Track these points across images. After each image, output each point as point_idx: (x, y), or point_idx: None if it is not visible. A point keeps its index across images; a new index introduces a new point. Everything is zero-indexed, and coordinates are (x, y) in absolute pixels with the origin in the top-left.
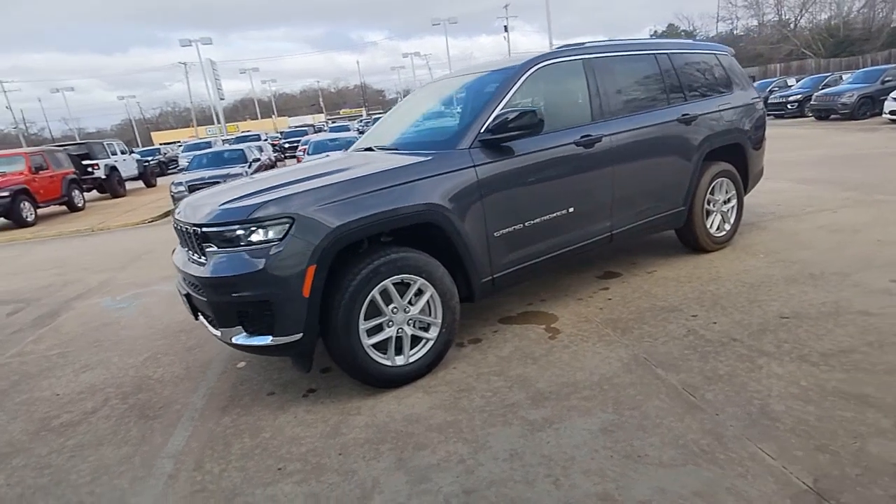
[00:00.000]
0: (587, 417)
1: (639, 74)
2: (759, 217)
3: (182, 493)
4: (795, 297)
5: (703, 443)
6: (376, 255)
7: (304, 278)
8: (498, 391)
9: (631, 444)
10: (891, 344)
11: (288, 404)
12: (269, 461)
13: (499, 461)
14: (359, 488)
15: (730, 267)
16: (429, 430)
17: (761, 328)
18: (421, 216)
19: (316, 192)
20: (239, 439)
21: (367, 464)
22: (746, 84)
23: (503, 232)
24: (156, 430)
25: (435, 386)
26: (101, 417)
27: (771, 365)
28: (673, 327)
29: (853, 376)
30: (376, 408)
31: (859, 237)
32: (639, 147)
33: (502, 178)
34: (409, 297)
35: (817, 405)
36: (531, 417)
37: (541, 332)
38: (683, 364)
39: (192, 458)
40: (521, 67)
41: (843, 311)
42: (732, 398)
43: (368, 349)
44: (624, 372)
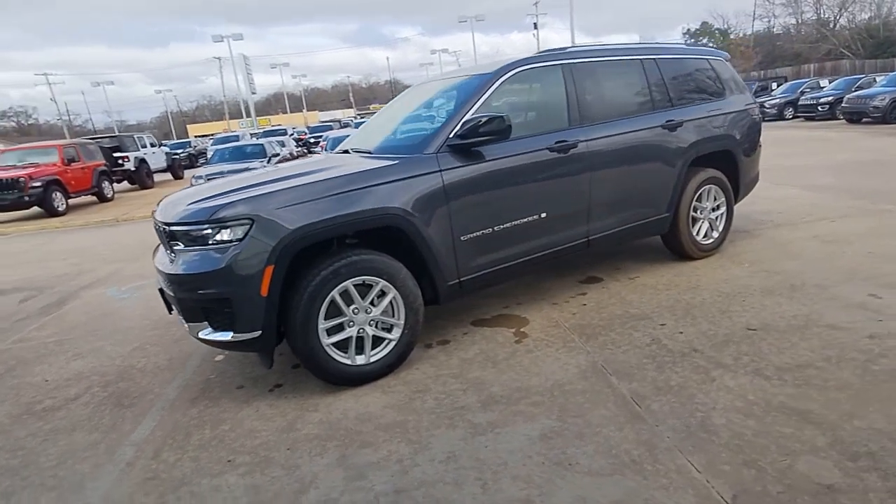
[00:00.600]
0: (530, 423)
1: (622, 80)
2: (756, 225)
3: (135, 481)
4: (768, 308)
5: (634, 453)
6: (336, 256)
7: (262, 278)
8: (452, 393)
9: (565, 451)
10: (849, 360)
11: (253, 398)
12: (223, 453)
13: (435, 463)
14: (298, 482)
15: (711, 275)
16: (377, 429)
17: (725, 340)
18: (381, 220)
19: (277, 194)
20: (200, 430)
21: (311, 459)
22: (740, 90)
23: (471, 236)
24: (126, 419)
25: (394, 386)
26: (80, 404)
27: (724, 378)
28: (638, 335)
29: (802, 392)
30: (333, 405)
31: (851, 248)
32: (618, 153)
33: (470, 182)
34: (370, 298)
35: (758, 420)
36: (477, 421)
37: (508, 336)
38: (638, 373)
39: (153, 446)
40: (495, 74)
41: (811, 324)
42: (677, 410)
43: (328, 348)
44: (578, 379)
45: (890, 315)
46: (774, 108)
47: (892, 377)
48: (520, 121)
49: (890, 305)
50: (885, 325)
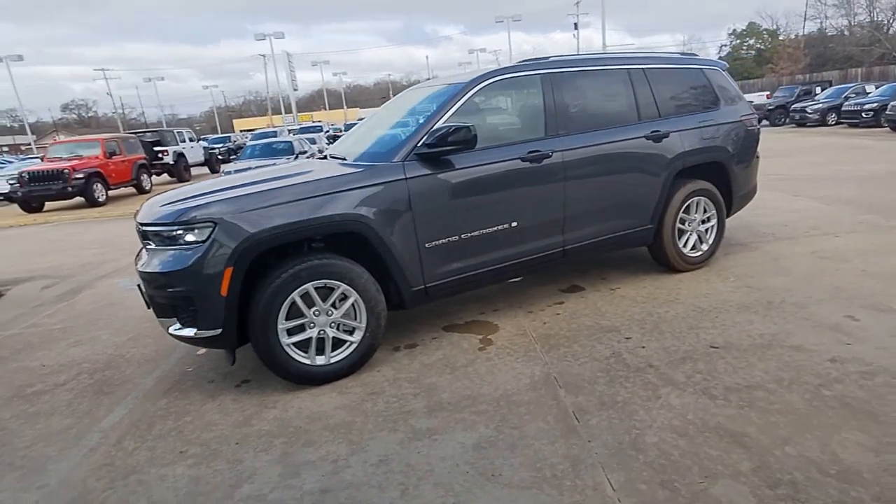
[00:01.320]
0: (468, 432)
1: (606, 90)
2: (756, 237)
3: (92, 466)
4: (738, 326)
5: (559, 468)
6: (297, 259)
7: (222, 279)
8: (403, 398)
9: (493, 462)
10: (802, 383)
11: (220, 392)
12: (178, 443)
13: (367, 465)
14: (236, 477)
15: (693, 289)
16: (324, 429)
17: (685, 357)
18: (341, 226)
19: (240, 199)
20: (163, 421)
21: (256, 455)
22: (735, 100)
23: (436, 243)
24: (102, 406)
25: (351, 387)
26: (66, 389)
27: (671, 396)
28: (601, 348)
29: (743, 414)
30: (290, 403)
31: (846, 266)
32: (597, 163)
33: (437, 191)
34: (332, 301)
35: (690, 440)
36: (418, 426)
37: (474, 343)
38: (588, 387)
39: (118, 434)
40: (468, 84)
41: (776, 344)
42: (614, 426)
43: (287, 348)
44: (528, 390)
45: (859, 338)
46: (817, 114)
47: (842, 404)
48: (493, 130)
49: (864, 328)
50: (850, 350)
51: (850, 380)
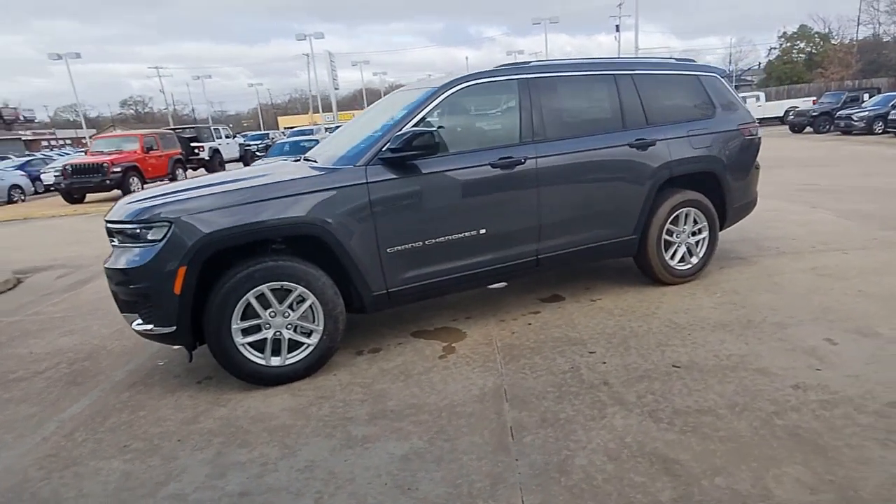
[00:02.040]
0: (401, 442)
1: (589, 96)
2: (758, 251)
3: (38, 455)
4: (709, 345)
5: (477, 486)
6: (253, 261)
7: (176, 277)
8: (350, 403)
9: (415, 475)
10: (755, 410)
11: (181, 388)
12: (124, 438)
13: (292, 470)
14: (165, 474)
15: (674, 303)
16: (263, 430)
17: (643, 375)
18: (298, 228)
19: (197, 199)
20: (119, 414)
21: (191, 453)
22: (732, 109)
23: (398, 249)
24: (69, 396)
25: (304, 389)
26: (43, 378)
27: (616, 416)
28: (561, 362)
29: (683, 439)
30: (241, 402)
31: (842, 285)
32: (574, 171)
33: (400, 196)
34: (289, 302)
35: (619, 465)
36: (355, 433)
37: (437, 350)
38: (535, 402)
39: (73, 425)
40: (440, 88)
41: (742, 366)
42: (548, 445)
43: (242, 347)
44: (474, 402)
45: (832, 364)
46: (863, 122)
47: (791, 435)
48: (464, 136)
49: (840, 353)
50: (818, 376)
51: (808, 409)
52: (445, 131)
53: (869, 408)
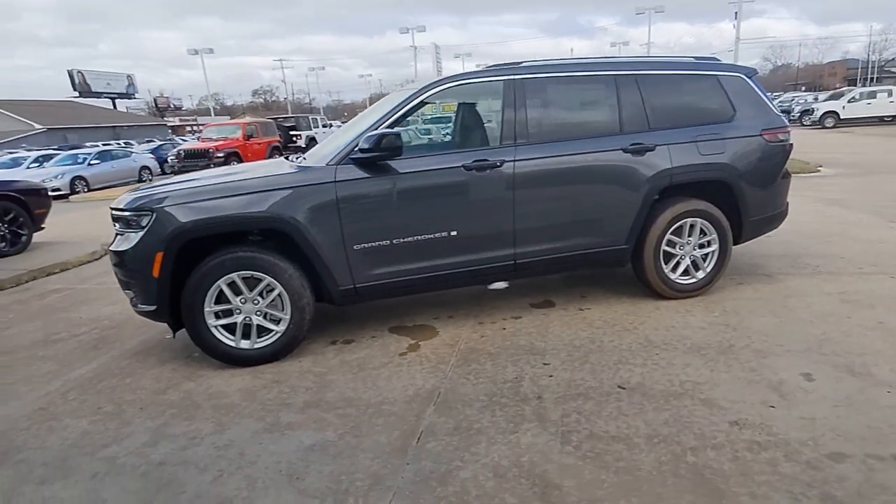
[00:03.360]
0: (316, 433)
1: (582, 98)
2: (793, 268)
3: (33, 408)
4: (670, 367)
5: (357, 484)
6: (225, 251)
7: (153, 262)
8: (296, 390)
9: (309, 466)
10: (673, 443)
11: (171, 361)
12: (102, 400)
13: (212, 447)
14: (113, 437)
15: (662, 320)
16: (212, 407)
17: (581, 393)
18: (265, 222)
19: (178, 192)
20: (110, 379)
21: (143, 421)
22: (757, 111)
23: (365, 246)
24: (85, 359)
25: (265, 373)
26: (76, 341)
27: (528, 433)
28: (509, 371)
29: (579, 466)
30: (209, 379)
31: (864, 314)
32: (556, 176)
33: (368, 195)
34: (258, 291)
35: (500, 483)
36: (282, 419)
37: (402, 347)
38: (459, 409)
39: (72, 385)
40: (420, 90)
41: (689, 394)
42: (445, 453)
43: (214, 329)
44: (404, 402)
45: (792, 402)
46: None
47: (694, 474)
48: (441, 137)
49: (808, 391)
50: (766, 414)
51: (731, 449)
52: (423, 132)
53: (802, 456)
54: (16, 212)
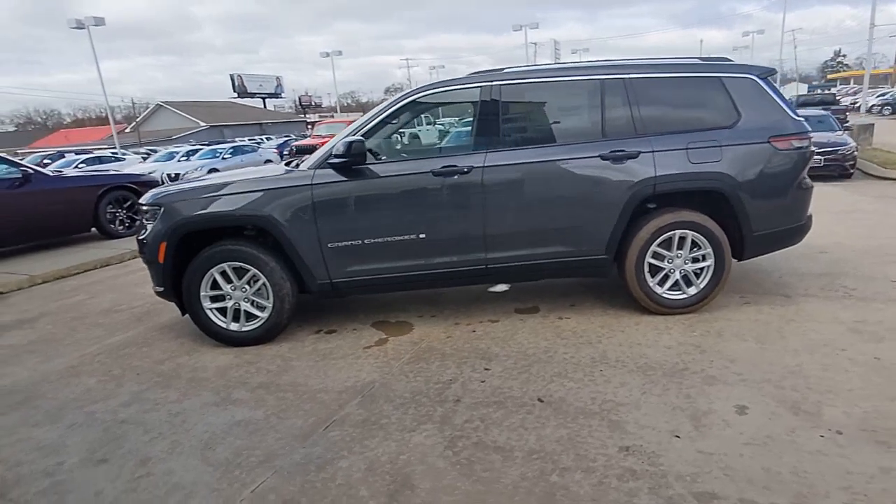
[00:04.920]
0: (251, 411)
1: (563, 104)
2: (821, 290)
3: (67, 365)
4: (603, 386)
5: (251, 459)
6: (218, 243)
7: (159, 250)
8: (260, 371)
9: (225, 438)
10: (539, 460)
11: (185, 335)
12: (115, 365)
13: (167, 413)
14: (105, 396)
15: (634, 335)
16: (189, 379)
17: (500, 401)
18: (250, 220)
19: (181, 191)
20: (133, 347)
21: (132, 385)
22: (766, 117)
23: (339, 245)
24: (126, 328)
25: (246, 353)
26: (129, 313)
27: (423, 434)
28: (450, 372)
29: (446, 471)
30: (202, 355)
31: (865, 348)
32: (526, 182)
33: (341, 198)
34: (245, 280)
35: (367, 475)
36: (234, 396)
37: (372, 341)
38: (381, 403)
39: (105, 349)
40: (401, 97)
41: (601, 414)
42: (340, 444)
43: (209, 312)
44: (340, 391)
45: (700, 434)
46: None
47: (546, 494)
48: (417, 143)
49: (728, 425)
50: (664, 444)
51: (603, 474)
52: (401, 138)
53: (668, 491)
54: (132, 200)
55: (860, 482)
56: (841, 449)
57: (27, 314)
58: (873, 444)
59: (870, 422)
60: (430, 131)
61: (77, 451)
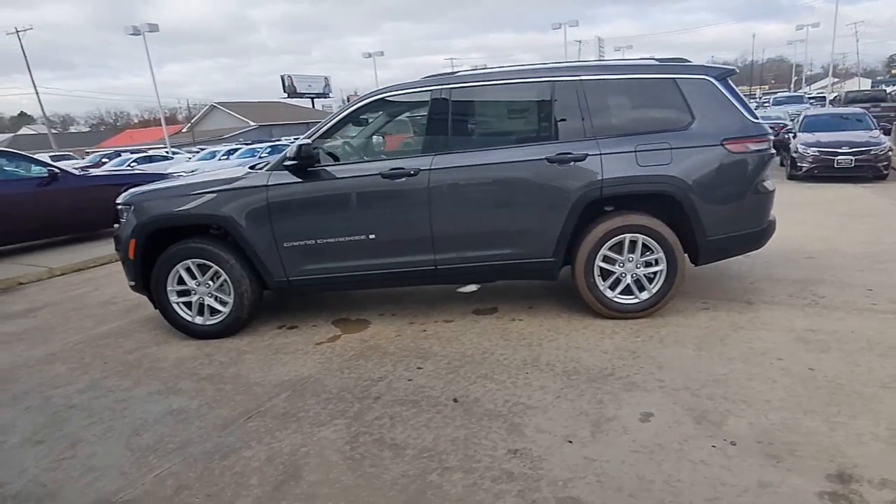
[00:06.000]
0: (188, 400)
1: (514, 107)
2: (791, 296)
3: (48, 352)
4: (523, 389)
5: (169, 446)
6: (183, 241)
7: (129, 246)
8: (212, 363)
9: (154, 426)
10: (436, 460)
11: (158, 329)
12: (89, 354)
13: (112, 400)
14: (67, 381)
15: (578, 339)
16: (146, 369)
17: (415, 400)
18: (209, 219)
19: (150, 191)
20: (112, 338)
21: (95, 373)
22: (721, 119)
23: (294, 244)
24: (114, 319)
25: (207, 346)
26: (122, 305)
27: (332, 428)
28: (384, 369)
29: (336, 464)
30: (168, 347)
31: (803, 358)
32: (473, 185)
33: (294, 199)
34: (208, 276)
35: (262, 466)
36: (177, 386)
37: (325, 337)
38: (307, 398)
39: (85, 338)
40: (355, 101)
41: (506, 417)
42: (253, 433)
43: (176, 306)
44: (274, 385)
45: (594, 441)
46: None
47: (417, 492)
48: (369, 147)
49: (627, 432)
50: (554, 449)
51: (481, 475)
52: (354, 142)
53: (536, 495)
54: None
55: (730, 495)
56: (727, 460)
57: (34, 304)
58: (763, 457)
59: (771, 434)
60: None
61: (22, 431)
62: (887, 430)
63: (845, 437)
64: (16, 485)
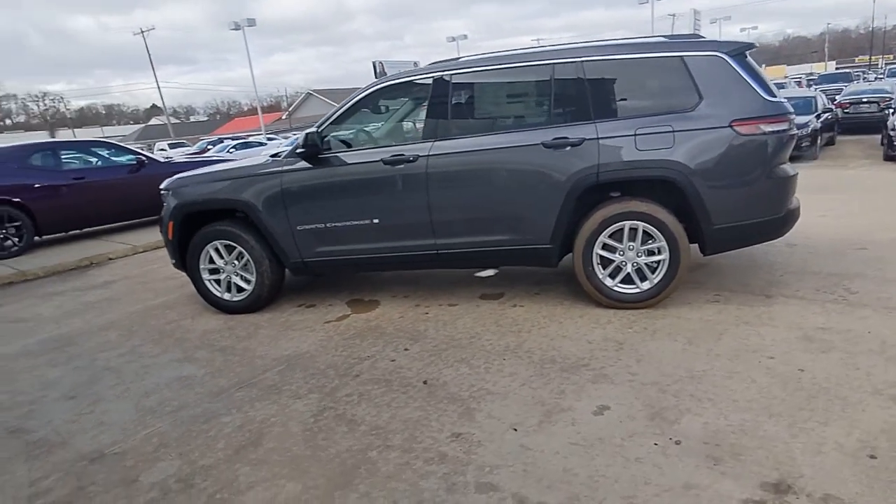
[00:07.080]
0: (197, 369)
1: (515, 91)
2: (818, 291)
3: (109, 320)
4: (494, 376)
5: (167, 408)
6: (212, 224)
7: (168, 228)
8: (231, 336)
9: (162, 391)
10: (382, 437)
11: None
12: (137, 324)
13: (139, 365)
14: (108, 347)
15: (571, 328)
16: (175, 339)
17: (390, 379)
18: (232, 203)
19: (185, 178)
20: (163, 310)
21: (136, 341)
22: (731, 99)
23: (306, 227)
24: (171, 293)
25: (233, 321)
26: (178, 282)
27: (304, 402)
28: (375, 350)
29: (295, 435)
30: (200, 320)
31: (797, 358)
32: (470, 171)
33: (305, 185)
34: (234, 256)
35: (232, 431)
36: (195, 355)
37: (335, 316)
38: (296, 372)
39: (142, 308)
40: (363, 90)
41: (465, 402)
42: (236, 401)
43: (208, 283)
44: (274, 359)
45: (537, 432)
46: None
47: (351, 466)
48: (374, 134)
49: (574, 424)
50: (495, 436)
51: (414, 455)
52: (361, 130)
53: (459, 479)
54: None
55: (647, 494)
56: (663, 459)
57: (114, 277)
58: (703, 458)
59: (722, 436)
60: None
61: (62, 388)
62: (858, 442)
63: (804, 446)
64: (39, 433)
